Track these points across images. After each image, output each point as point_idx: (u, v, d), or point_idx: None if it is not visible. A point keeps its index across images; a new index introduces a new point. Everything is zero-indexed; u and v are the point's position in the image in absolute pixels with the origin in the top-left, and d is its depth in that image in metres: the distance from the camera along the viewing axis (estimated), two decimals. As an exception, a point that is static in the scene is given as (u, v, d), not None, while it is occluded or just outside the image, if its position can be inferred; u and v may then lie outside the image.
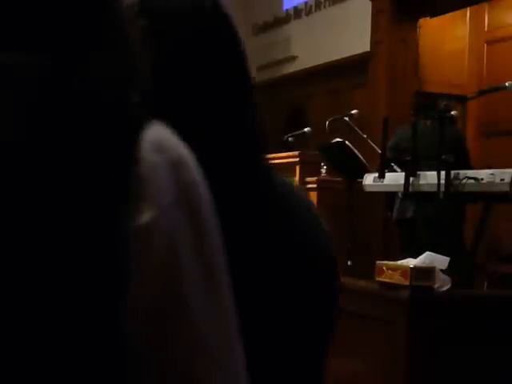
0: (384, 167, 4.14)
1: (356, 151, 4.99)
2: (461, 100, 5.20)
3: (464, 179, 3.60)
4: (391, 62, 6.56)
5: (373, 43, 6.75)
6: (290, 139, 5.73)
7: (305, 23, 7.90)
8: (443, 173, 3.62)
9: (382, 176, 4.12)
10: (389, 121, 4.20)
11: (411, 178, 3.88)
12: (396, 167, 4.34)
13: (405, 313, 3.01)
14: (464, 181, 3.60)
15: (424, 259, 3.14)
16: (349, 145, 4.99)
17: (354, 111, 5.57)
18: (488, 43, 7.03)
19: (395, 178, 4.14)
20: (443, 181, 3.61)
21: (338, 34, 7.24)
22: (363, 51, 6.83)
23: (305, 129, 5.73)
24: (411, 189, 3.90)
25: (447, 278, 3.09)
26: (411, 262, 3.10)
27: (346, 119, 5.57)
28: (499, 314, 3.16)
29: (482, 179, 3.56)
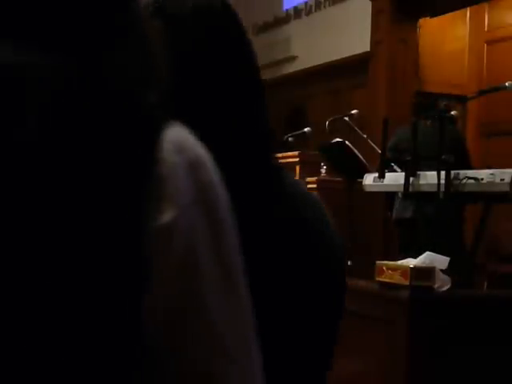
0: (384, 167, 4.14)
1: (356, 151, 4.98)
2: (461, 100, 5.20)
3: (464, 179, 3.60)
4: (391, 62, 6.56)
5: (373, 43, 6.75)
6: (290, 139, 5.73)
7: (305, 23, 7.90)
8: (443, 173, 3.62)
9: (382, 176, 4.12)
10: (389, 121, 4.20)
11: (411, 178, 3.88)
12: (396, 167, 4.34)
13: (405, 313, 3.01)
14: (464, 181, 3.60)
15: (424, 259, 3.14)
16: (349, 145, 4.99)
17: (354, 111, 5.57)
18: (488, 43, 7.03)
19: (395, 178, 4.13)
20: (443, 181, 3.61)
21: (338, 34, 7.24)
22: (363, 51, 6.83)
23: (305, 129, 5.73)
24: (411, 189, 3.89)
25: (447, 278, 3.09)
26: (411, 262, 3.10)
27: (346, 119, 5.56)
28: (499, 314, 3.16)
29: (482, 179, 3.56)
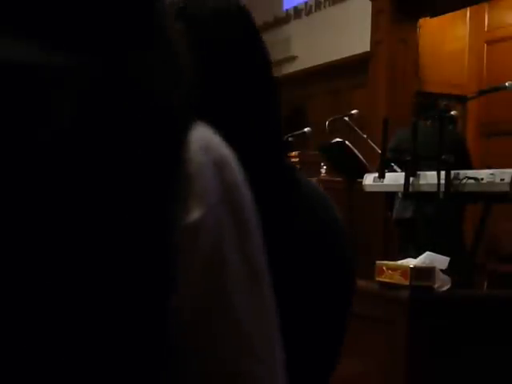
0: (384, 167, 4.14)
1: (356, 151, 4.98)
2: (461, 100, 5.21)
3: (464, 179, 3.60)
4: (391, 62, 6.56)
5: (373, 43, 6.75)
6: (290, 139, 5.73)
7: (305, 23, 7.91)
8: (443, 173, 3.62)
9: (382, 176, 4.12)
10: (389, 121, 4.20)
11: (411, 178, 3.88)
12: (396, 167, 4.34)
13: (405, 313, 3.01)
14: (464, 181, 3.60)
15: (424, 259, 3.14)
16: (349, 145, 4.99)
17: (354, 111, 5.57)
18: (488, 43, 7.04)
19: (395, 178, 4.13)
20: (443, 181, 3.61)
21: (338, 34, 7.24)
22: (363, 51, 6.84)
23: (305, 129, 5.73)
24: (411, 189, 3.89)
25: (447, 278, 3.09)
26: (411, 262, 3.10)
27: (346, 119, 5.56)
28: (499, 314, 3.16)
29: (482, 179, 3.56)
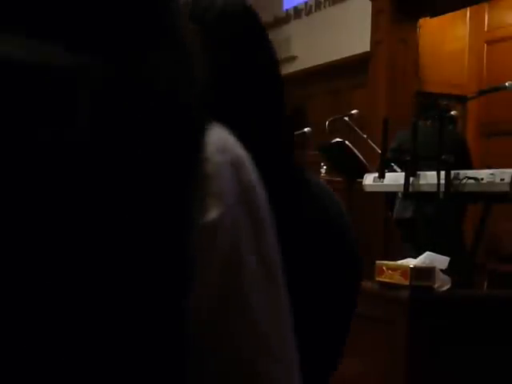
0: (384, 167, 4.14)
1: (356, 151, 4.99)
2: (461, 100, 5.21)
3: (464, 179, 3.60)
4: (391, 62, 6.56)
5: (373, 43, 6.75)
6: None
7: (305, 23, 7.91)
8: (443, 173, 3.62)
9: (382, 176, 4.12)
10: (389, 121, 4.19)
11: (411, 178, 3.88)
12: (396, 167, 4.34)
13: (405, 313, 3.01)
14: (464, 181, 3.60)
15: (424, 259, 3.14)
16: (349, 145, 4.99)
17: (354, 111, 5.57)
18: (488, 43, 7.04)
19: (395, 178, 4.13)
20: (443, 181, 3.61)
21: (338, 34, 7.24)
22: (363, 51, 6.84)
23: (305, 129, 5.74)
24: (411, 189, 3.89)
25: (447, 278, 3.09)
26: (411, 262, 3.10)
27: (346, 119, 5.57)
28: (499, 314, 3.16)
29: (482, 179, 3.56)
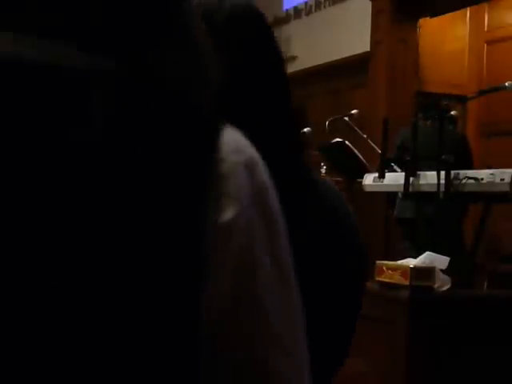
0: (384, 167, 4.13)
1: (356, 151, 4.98)
2: (461, 100, 5.21)
3: (464, 179, 3.60)
4: (391, 62, 6.56)
5: (373, 43, 6.75)
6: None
7: (305, 23, 7.90)
8: (443, 173, 3.62)
9: (382, 176, 4.12)
10: (389, 121, 4.19)
11: (411, 178, 3.88)
12: (396, 167, 4.34)
13: (405, 313, 3.01)
14: (464, 181, 3.60)
15: (424, 259, 3.14)
16: (349, 145, 4.99)
17: (354, 111, 5.57)
18: (488, 43, 7.04)
19: (395, 178, 4.13)
20: (443, 181, 3.61)
21: (338, 34, 7.24)
22: (363, 51, 6.83)
23: (305, 129, 5.73)
24: (411, 189, 3.89)
25: (447, 278, 3.09)
26: (411, 262, 3.10)
27: (346, 119, 5.56)
28: (499, 314, 3.16)
29: (482, 179, 3.56)
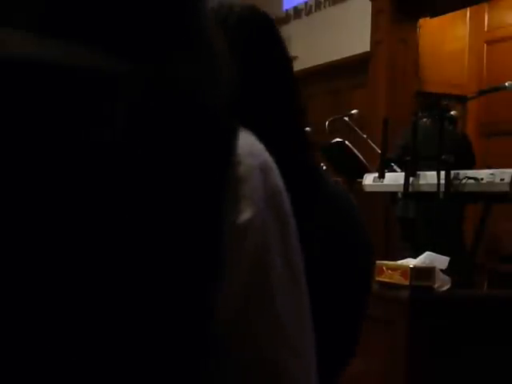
0: (384, 167, 4.13)
1: (356, 151, 4.98)
2: (461, 100, 5.21)
3: (464, 179, 3.60)
4: (391, 62, 6.56)
5: (373, 43, 6.75)
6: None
7: (305, 23, 7.90)
8: (443, 173, 3.62)
9: (382, 176, 4.11)
10: (389, 121, 4.19)
11: (411, 178, 3.88)
12: (396, 167, 4.34)
13: (405, 313, 3.01)
14: (464, 181, 3.59)
15: (424, 259, 3.14)
16: (349, 145, 4.99)
17: (354, 111, 5.57)
18: (488, 43, 7.04)
19: (395, 178, 4.13)
20: (443, 181, 3.61)
21: (338, 34, 7.24)
22: (363, 51, 6.84)
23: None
24: (411, 189, 3.89)
25: (447, 278, 3.09)
26: (411, 262, 3.10)
27: (346, 119, 5.56)
28: (499, 314, 3.16)
29: (482, 179, 3.55)
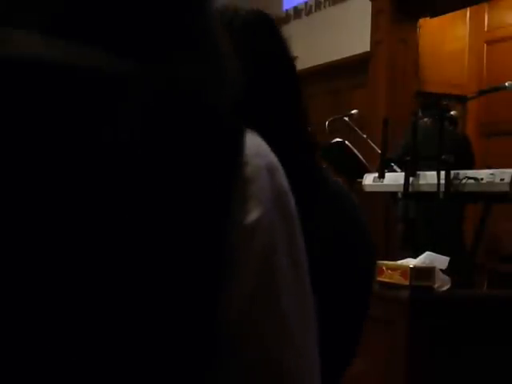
0: (384, 167, 4.13)
1: (356, 151, 4.98)
2: (461, 100, 5.21)
3: (464, 179, 3.60)
4: (391, 62, 6.56)
5: (373, 43, 6.75)
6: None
7: (305, 23, 7.90)
8: (443, 173, 3.62)
9: (382, 176, 4.11)
10: (389, 121, 4.19)
11: (411, 178, 3.88)
12: (396, 167, 4.34)
13: (405, 313, 3.01)
14: (464, 181, 3.60)
15: (424, 259, 3.14)
16: (349, 145, 4.98)
17: (354, 111, 5.56)
18: (488, 43, 7.04)
19: (395, 178, 4.13)
20: (443, 181, 3.61)
21: (338, 34, 7.24)
22: (363, 51, 6.83)
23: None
24: (411, 189, 3.89)
25: (447, 278, 3.09)
26: (411, 262, 3.10)
27: (346, 119, 5.56)
28: (499, 314, 3.16)
29: (482, 179, 3.55)
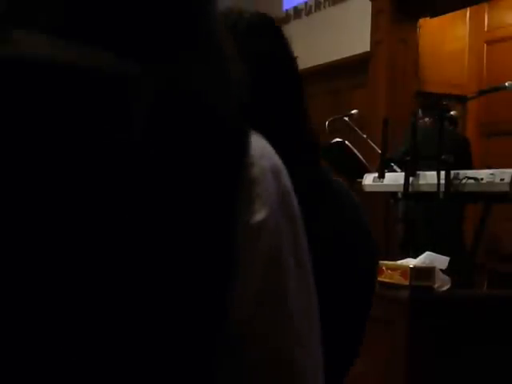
0: (384, 167, 4.13)
1: (356, 151, 4.98)
2: (461, 100, 5.21)
3: (464, 179, 3.60)
4: (391, 62, 6.56)
5: (373, 43, 6.75)
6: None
7: (305, 23, 7.90)
8: (443, 173, 3.61)
9: (382, 176, 4.11)
10: (389, 121, 4.19)
11: (411, 178, 3.88)
12: (396, 167, 4.34)
13: (405, 313, 3.01)
14: (464, 181, 3.59)
15: (424, 259, 3.14)
16: (349, 145, 4.98)
17: (354, 111, 5.56)
18: (488, 43, 7.03)
19: (395, 178, 4.13)
20: (443, 181, 3.61)
21: (338, 34, 7.24)
22: (363, 51, 6.83)
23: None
24: (411, 189, 3.89)
25: (447, 278, 3.09)
26: (411, 262, 3.10)
27: (346, 119, 5.56)
28: (499, 314, 3.16)
29: (482, 179, 3.55)
